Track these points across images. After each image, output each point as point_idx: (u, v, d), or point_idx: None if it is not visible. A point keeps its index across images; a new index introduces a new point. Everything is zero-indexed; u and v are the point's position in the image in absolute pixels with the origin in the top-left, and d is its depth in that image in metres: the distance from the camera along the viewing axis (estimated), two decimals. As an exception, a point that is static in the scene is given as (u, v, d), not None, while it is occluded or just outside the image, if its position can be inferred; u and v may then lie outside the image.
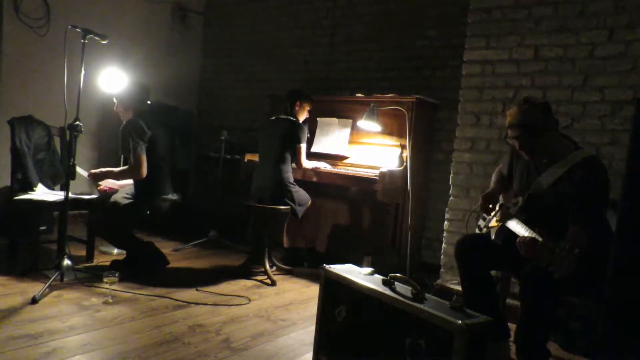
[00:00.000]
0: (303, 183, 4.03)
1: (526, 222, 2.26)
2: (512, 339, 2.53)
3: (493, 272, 2.68)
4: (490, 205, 2.60)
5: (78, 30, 3.06)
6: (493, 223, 2.52)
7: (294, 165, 3.93)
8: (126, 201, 3.49)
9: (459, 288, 2.75)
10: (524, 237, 2.14)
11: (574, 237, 2.10)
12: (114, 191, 3.65)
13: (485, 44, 3.57)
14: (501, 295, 2.87)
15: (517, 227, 2.27)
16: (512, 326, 2.60)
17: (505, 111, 3.49)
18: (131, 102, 3.53)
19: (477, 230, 2.65)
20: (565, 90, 3.29)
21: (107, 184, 3.66)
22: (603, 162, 2.36)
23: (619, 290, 1.66)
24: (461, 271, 2.59)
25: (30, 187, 3.58)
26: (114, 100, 3.58)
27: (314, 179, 4.05)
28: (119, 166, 3.95)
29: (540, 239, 2.04)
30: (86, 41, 3.08)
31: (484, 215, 2.63)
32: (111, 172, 3.54)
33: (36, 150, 3.76)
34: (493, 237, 2.47)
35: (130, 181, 3.63)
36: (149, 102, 3.62)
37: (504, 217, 2.42)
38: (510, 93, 3.48)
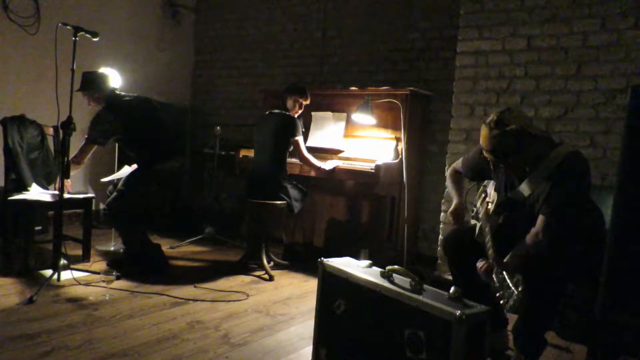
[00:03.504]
0: (299, 177, 4.02)
1: (501, 227, 2.30)
2: (510, 328, 2.55)
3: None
4: (483, 206, 2.60)
5: (69, 27, 3.03)
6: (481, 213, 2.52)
7: (294, 160, 3.93)
8: (133, 178, 3.55)
9: (456, 279, 2.76)
10: (481, 264, 2.23)
11: (526, 245, 2.18)
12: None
13: (478, 34, 3.58)
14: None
15: (485, 233, 2.32)
16: (511, 316, 2.62)
17: (499, 102, 3.50)
18: (98, 93, 3.50)
19: (471, 220, 2.65)
20: (558, 80, 3.30)
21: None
22: (583, 155, 2.30)
23: (615, 278, 1.68)
24: (450, 265, 2.60)
25: (24, 187, 3.55)
26: (83, 96, 3.54)
27: (312, 174, 4.04)
28: (114, 160, 4.09)
29: (495, 267, 2.15)
30: (77, 39, 3.06)
31: (473, 208, 2.63)
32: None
33: (29, 150, 3.73)
34: (475, 235, 2.45)
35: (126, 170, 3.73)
36: (115, 86, 3.61)
37: (482, 218, 2.42)
38: (504, 83, 3.49)
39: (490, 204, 2.42)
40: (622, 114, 3.03)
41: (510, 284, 2.08)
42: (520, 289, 2.00)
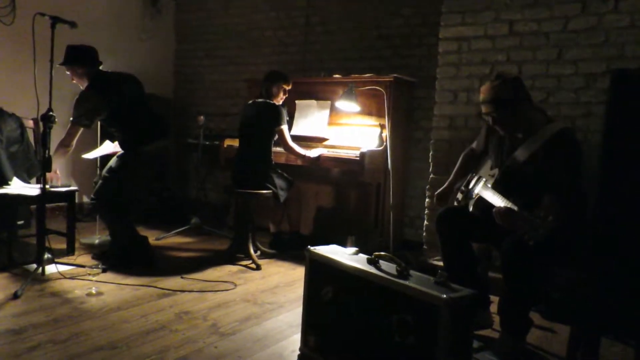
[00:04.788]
0: (285, 166, 4.02)
1: (503, 194, 2.31)
2: (494, 310, 2.59)
3: (475, 246, 2.73)
4: (463, 192, 2.64)
5: (46, 17, 2.97)
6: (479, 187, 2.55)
7: (279, 149, 3.91)
8: (117, 163, 3.47)
9: (442, 264, 2.79)
10: (499, 207, 2.21)
11: (548, 207, 2.15)
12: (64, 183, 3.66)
13: (461, 20, 3.58)
14: (484, 267, 2.92)
15: (493, 197, 2.32)
16: (495, 298, 2.67)
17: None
18: (82, 68, 3.36)
19: (455, 204, 2.70)
20: (540, 65, 3.32)
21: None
22: (577, 134, 2.42)
23: (598, 259, 1.72)
24: (442, 242, 2.64)
25: (5, 182, 3.50)
26: (67, 72, 3.40)
27: (298, 162, 4.04)
28: (97, 141, 4.02)
29: (515, 208, 2.11)
30: (55, 29, 2.99)
31: (462, 188, 2.67)
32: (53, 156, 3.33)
33: (9, 144, 3.67)
34: (471, 209, 2.50)
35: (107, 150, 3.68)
36: (101, 63, 3.47)
37: (481, 189, 2.46)
38: (486, 69, 3.51)
39: (490, 177, 2.47)
40: (603, 98, 3.06)
41: (538, 217, 1.98)
42: (551, 218, 1.93)
